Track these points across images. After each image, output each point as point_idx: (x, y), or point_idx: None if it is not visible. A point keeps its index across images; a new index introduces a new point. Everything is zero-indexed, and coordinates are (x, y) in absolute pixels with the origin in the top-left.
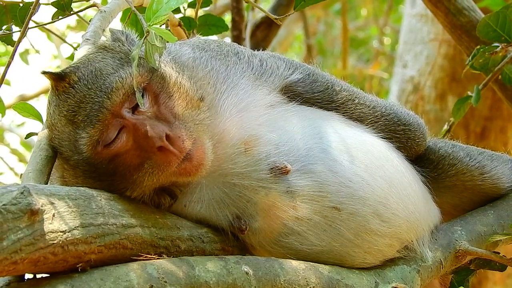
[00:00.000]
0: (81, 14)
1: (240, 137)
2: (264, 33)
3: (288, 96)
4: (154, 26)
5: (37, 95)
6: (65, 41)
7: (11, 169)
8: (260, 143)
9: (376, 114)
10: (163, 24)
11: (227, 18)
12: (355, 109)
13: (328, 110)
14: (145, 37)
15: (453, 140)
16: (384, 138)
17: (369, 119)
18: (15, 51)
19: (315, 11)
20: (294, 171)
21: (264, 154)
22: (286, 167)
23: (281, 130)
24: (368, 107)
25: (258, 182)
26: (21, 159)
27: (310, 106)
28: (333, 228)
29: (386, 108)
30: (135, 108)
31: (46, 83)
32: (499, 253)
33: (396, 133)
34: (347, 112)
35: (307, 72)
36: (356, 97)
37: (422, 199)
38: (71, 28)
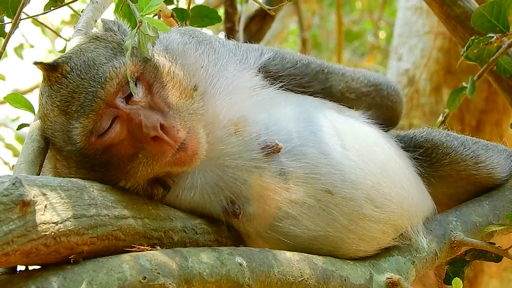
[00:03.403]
0: (75, 7)
1: (230, 118)
2: (258, 26)
3: (268, 80)
4: (147, 16)
5: (31, 90)
6: (59, 35)
7: (6, 163)
8: (250, 124)
9: (346, 79)
10: (155, 14)
11: (221, 12)
12: (327, 79)
13: (309, 92)
14: (138, 27)
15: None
16: (361, 106)
17: (341, 86)
18: (6, 42)
19: (310, 5)
20: (285, 152)
21: (254, 134)
22: (278, 145)
23: (270, 111)
24: (338, 74)
25: (251, 162)
26: (16, 154)
27: (297, 93)
28: (327, 212)
29: (355, 73)
30: (128, 98)
31: (40, 78)
32: (494, 243)
33: (370, 94)
34: (320, 84)
35: (275, 51)
36: (325, 67)
37: (415, 185)
38: (65, 23)
